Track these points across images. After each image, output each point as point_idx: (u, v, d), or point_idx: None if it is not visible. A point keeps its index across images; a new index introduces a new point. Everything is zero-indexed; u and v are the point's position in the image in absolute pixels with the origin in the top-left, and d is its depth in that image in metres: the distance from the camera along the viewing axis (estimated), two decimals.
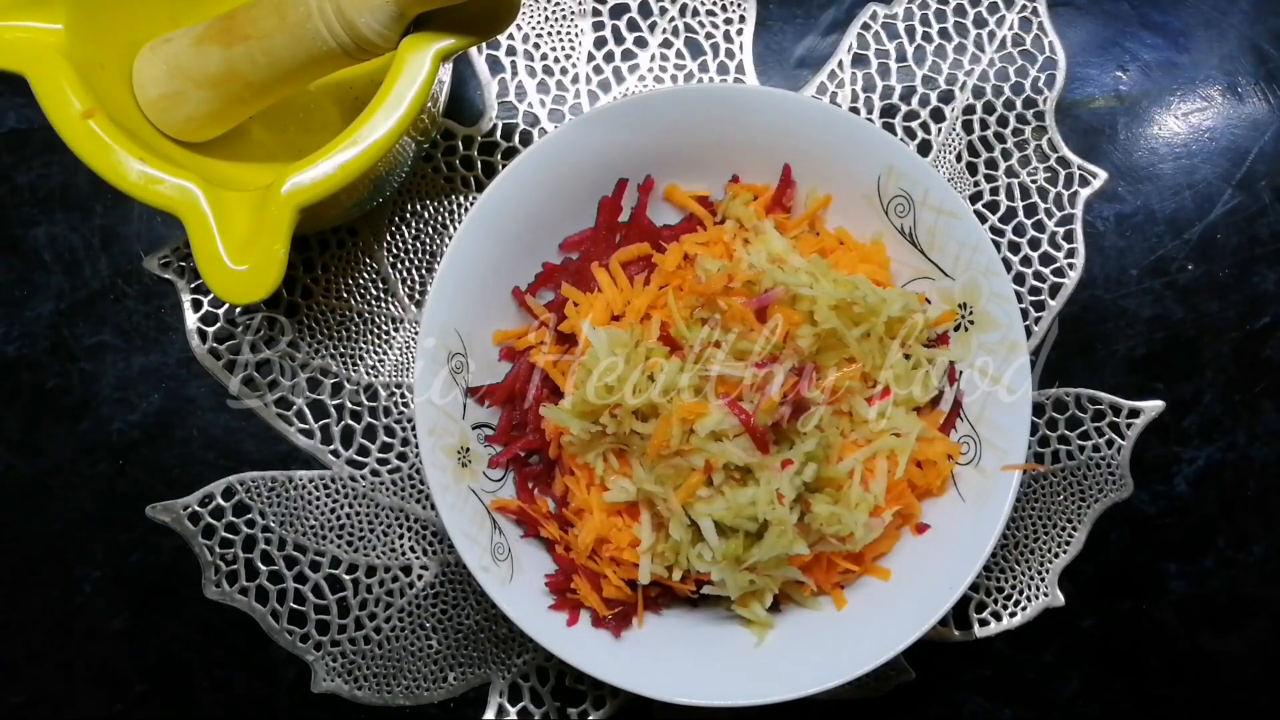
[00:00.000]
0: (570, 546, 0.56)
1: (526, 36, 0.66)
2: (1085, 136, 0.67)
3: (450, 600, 0.63)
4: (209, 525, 0.63)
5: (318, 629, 0.63)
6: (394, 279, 0.64)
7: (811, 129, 0.56)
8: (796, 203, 0.60)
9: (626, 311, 0.57)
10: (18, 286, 0.64)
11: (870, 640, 0.53)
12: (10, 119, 0.64)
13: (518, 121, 0.65)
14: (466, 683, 0.63)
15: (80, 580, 0.63)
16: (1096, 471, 0.65)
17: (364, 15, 0.47)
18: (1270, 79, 0.68)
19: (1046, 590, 0.64)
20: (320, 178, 0.47)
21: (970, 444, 0.56)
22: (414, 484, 0.64)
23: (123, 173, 0.47)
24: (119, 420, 0.63)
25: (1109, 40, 0.68)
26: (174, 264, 0.64)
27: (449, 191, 0.64)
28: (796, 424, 0.53)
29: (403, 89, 0.47)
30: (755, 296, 0.53)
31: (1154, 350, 0.66)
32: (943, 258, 0.56)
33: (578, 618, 0.55)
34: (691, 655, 0.55)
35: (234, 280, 0.46)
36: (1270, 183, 0.67)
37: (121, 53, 0.52)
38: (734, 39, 0.66)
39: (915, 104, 0.66)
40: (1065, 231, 0.66)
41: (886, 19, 0.67)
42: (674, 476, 0.53)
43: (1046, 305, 0.65)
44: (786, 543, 0.52)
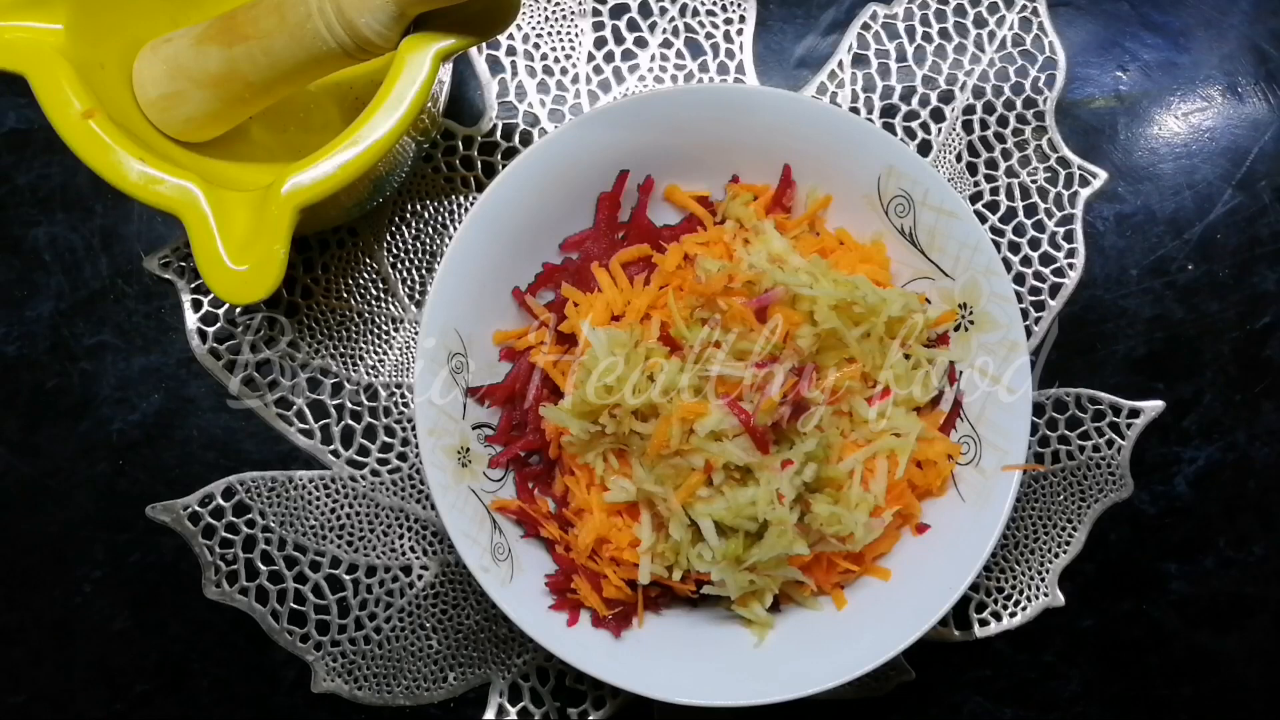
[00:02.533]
0: (570, 546, 0.56)
1: (526, 36, 0.66)
2: (1085, 136, 0.67)
3: (450, 600, 0.63)
4: (209, 525, 0.63)
5: (318, 629, 0.63)
6: (394, 279, 0.64)
7: (811, 129, 0.56)
8: (796, 203, 0.60)
9: (626, 312, 0.57)
10: (18, 286, 0.64)
11: (870, 640, 0.53)
12: (10, 119, 0.64)
13: (518, 121, 0.65)
14: (466, 683, 0.63)
15: (80, 580, 0.63)
16: (1096, 471, 0.65)
17: (364, 15, 0.47)
18: (1270, 79, 0.68)
19: (1046, 590, 0.64)
20: (320, 178, 0.47)
21: (970, 444, 0.56)
22: (414, 484, 0.64)
23: (123, 173, 0.47)
24: (119, 420, 0.63)
25: (1109, 40, 0.68)
26: (174, 264, 0.64)
27: (449, 191, 0.64)
28: (796, 424, 0.53)
29: (403, 89, 0.47)
30: (755, 296, 0.53)
31: (1154, 350, 0.66)
32: (943, 258, 0.56)
33: (578, 618, 0.55)
34: (691, 655, 0.55)
35: (234, 280, 0.46)
36: (1270, 183, 0.67)
37: (121, 53, 0.52)
38: (734, 39, 0.66)
39: (915, 104, 0.66)
40: (1065, 231, 0.66)
41: (886, 19, 0.67)
42: (674, 476, 0.53)
43: (1046, 305, 0.65)
44: (786, 543, 0.52)
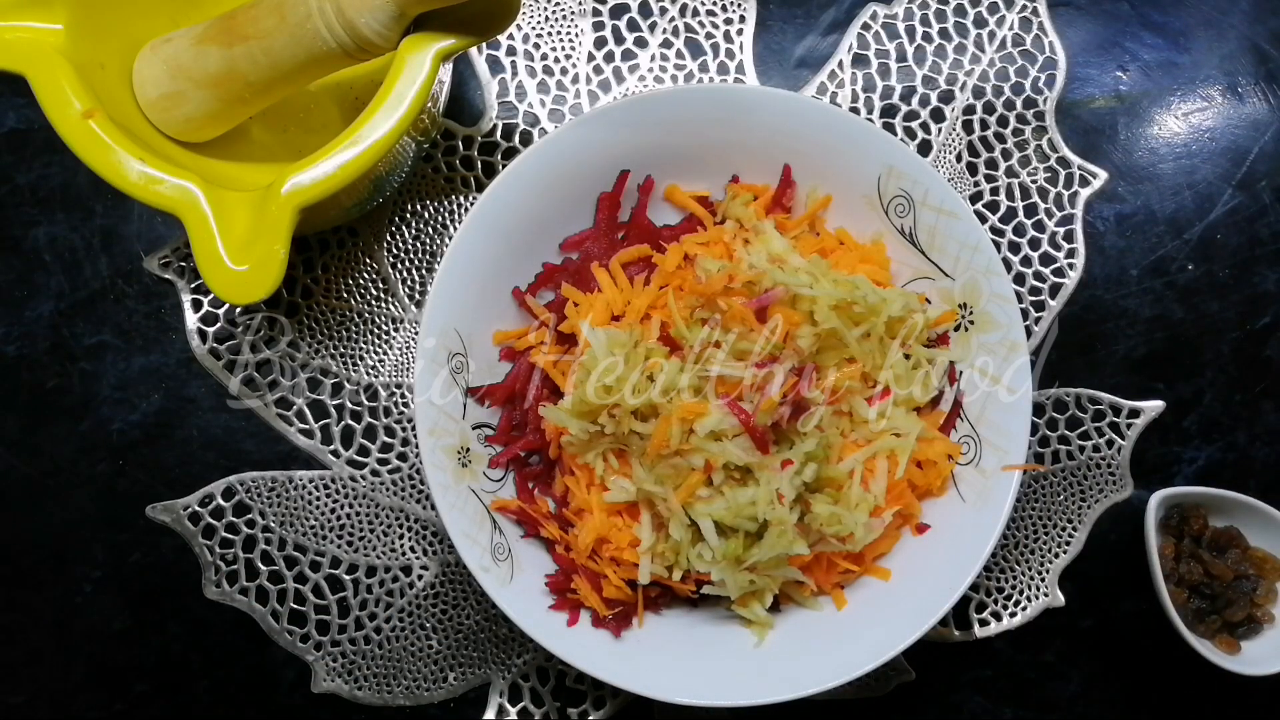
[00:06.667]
0: (570, 546, 0.56)
1: (526, 36, 0.66)
2: (1085, 136, 0.67)
3: (450, 600, 0.63)
4: (209, 525, 0.63)
5: (318, 629, 0.63)
6: (394, 279, 0.64)
7: (811, 129, 0.56)
8: (796, 203, 0.60)
9: (626, 312, 0.57)
10: (18, 286, 0.64)
11: (870, 640, 0.53)
12: (10, 119, 0.64)
13: (518, 121, 0.65)
14: (466, 683, 0.63)
15: (80, 580, 0.63)
16: (1096, 471, 0.65)
17: (364, 15, 0.47)
18: (1270, 79, 0.68)
19: (1046, 590, 0.64)
20: (320, 178, 0.47)
21: (970, 444, 0.56)
22: (414, 484, 0.64)
23: (123, 173, 0.47)
24: (119, 420, 0.63)
25: (1109, 40, 0.68)
26: (174, 264, 0.64)
27: (449, 191, 0.64)
28: (796, 424, 0.53)
29: (403, 89, 0.47)
30: (755, 296, 0.53)
31: (1154, 350, 0.66)
32: (943, 258, 0.56)
33: (578, 618, 0.55)
34: (691, 655, 0.55)
35: (234, 280, 0.46)
36: (1270, 183, 0.67)
37: (121, 53, 0.52)
38: (734, 39, 0.66)
39: (915, 104, 0.66)
40: (1065, 231, 0.66)
41: (886, 19, 0.67)
42: (674, 476, 0.53)
43: (1046, 305, 0.65)
44: (786, 543, 0.52)
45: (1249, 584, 0.62)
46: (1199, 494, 0.62)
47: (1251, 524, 0.63)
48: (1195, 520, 0.63)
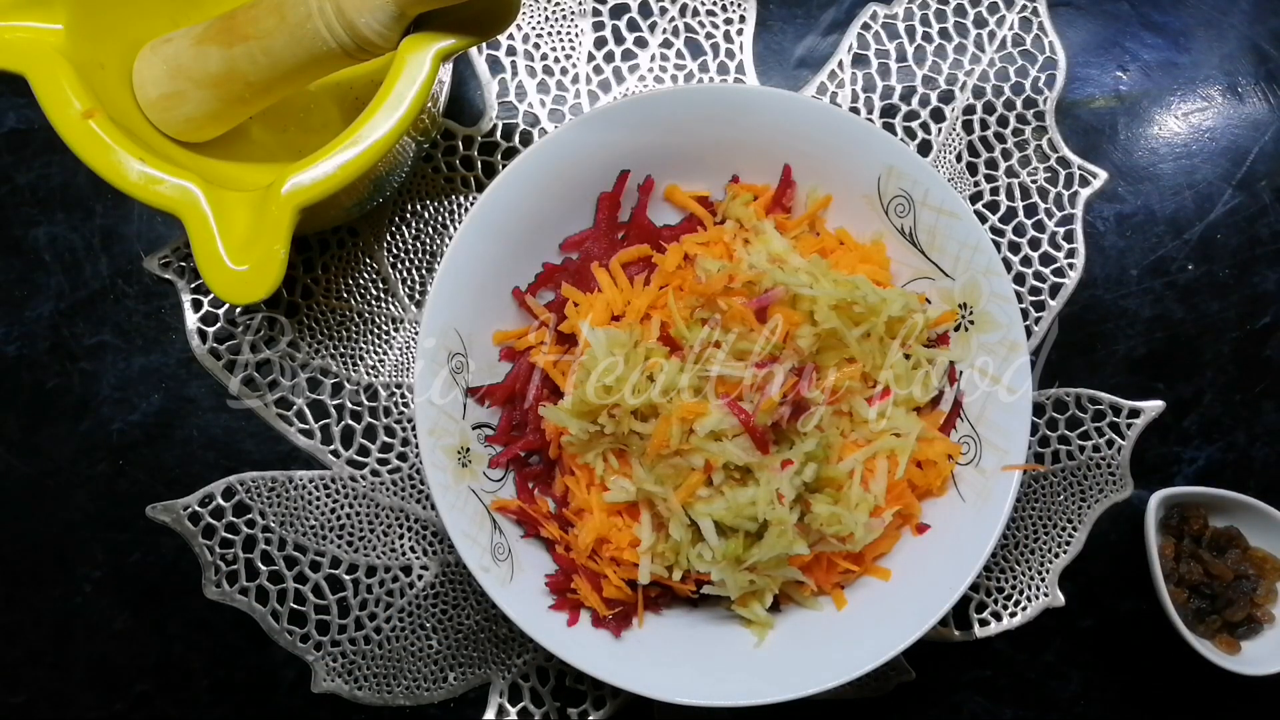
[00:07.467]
0: (570, 546, 0.56)
1: (526, 36, 0.66)
2: (1085, 136, 0.67)
3: (450, 600, 0.63)
4: (209, 525, 0.63)
5: (318, 629, 0.63)
6: (394, 279, 0.64)
7: (811, 129, 0.56)
8: (796, 203, 0.60)
9: (626, 312, 0.57)
10: (18, 286, 0.64)
11: (870, 640, 0.53)
12: (10, 119, 0.65)
13: (518, 121, 0.65)
14: (466, 683, 0.63)
15: (80, 580, 0.63)
16: (1096, 471, 0.65)
17: (364, 15, 0.47)
18: (1270, 79, 0.68)
19: (1046, 590, 0.64)
20: (320, 178, 0.47)
21: (970, 444, 0.56)
22: (414, 484, 0.64)
23: (123, 173, 0.47)
24: (119, 420, 0.63)
25: (1109, 40, 0.68)
26: (174, 264, 0.64)
27: (449, 191, 0.64)
28: (796, 424, 0.53)
29: (403, 89, 0.47)
30: (755, 296, 0.53)
31: (1154, 350, 0.66)
32: (943, 258, 0.56)
33: (578, 618, 0.55)
34: (691, 655, 0.55)
35: (234, 280, 0.46)
36: (1270, 183, 0.67)
37: (121, 53, 0.52)
38: (734, 39, 0.66)
39: (915, 104, 0.66)
40: (1065, 231, 0.66)
41: (886, 19, 0.67)
42: (674, 476, 0.53)
43: (1046, 305, 0.65)
44: (786, 543, 0.52)
45: (1249, 584, 0.62)
46: (1199, 494, 0.62)
47: (1251, 524, 0.63)
48: (1195, 520, 0.63)
